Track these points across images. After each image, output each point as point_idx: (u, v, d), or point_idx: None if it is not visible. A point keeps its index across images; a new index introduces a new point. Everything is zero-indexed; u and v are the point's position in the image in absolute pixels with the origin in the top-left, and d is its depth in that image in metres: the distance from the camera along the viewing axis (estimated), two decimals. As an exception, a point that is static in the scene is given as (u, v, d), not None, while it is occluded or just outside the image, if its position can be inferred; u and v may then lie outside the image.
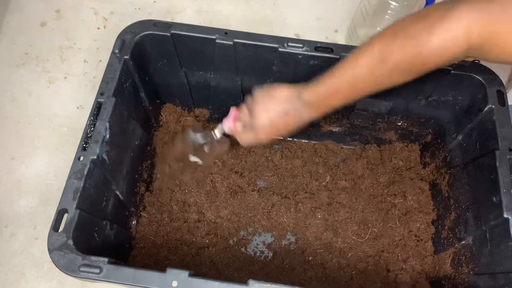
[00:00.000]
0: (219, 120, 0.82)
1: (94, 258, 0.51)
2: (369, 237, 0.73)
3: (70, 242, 0.52)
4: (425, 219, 0.74)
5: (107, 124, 0.60)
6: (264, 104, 0.62)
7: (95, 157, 0.57)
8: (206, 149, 0.72)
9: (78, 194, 0.54)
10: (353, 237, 0.73)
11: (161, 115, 0.81)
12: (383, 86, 0.56)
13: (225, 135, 0.70)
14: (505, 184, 0.57)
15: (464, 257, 0.64)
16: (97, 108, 0.61)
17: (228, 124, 0.67)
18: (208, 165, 0.76)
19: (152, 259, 0.70)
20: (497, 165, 0.59)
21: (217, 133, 0.70)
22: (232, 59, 0.69)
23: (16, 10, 0.97)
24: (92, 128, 0.59)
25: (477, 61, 0.65)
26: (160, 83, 0.76)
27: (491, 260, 0.58)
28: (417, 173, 0.79)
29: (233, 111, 0.67)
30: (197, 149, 0.72)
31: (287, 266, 0.72)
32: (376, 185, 0.78)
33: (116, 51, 0.65)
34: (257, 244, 0.74)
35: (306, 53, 0.66)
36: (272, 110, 0.61)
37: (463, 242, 0.65)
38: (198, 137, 0.71)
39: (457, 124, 0.71)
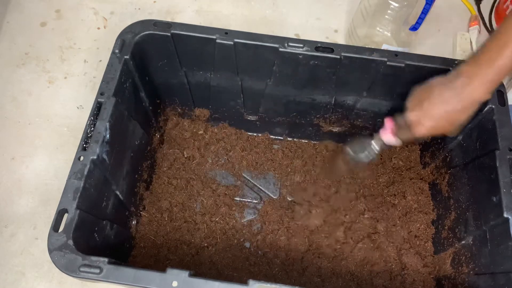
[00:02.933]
0: (220, 120, 0.83)
1: (94, 258, 0.51)
2: (369, 238, 0.73)
3: (70, 242, 0.52)
4: (425, 219, 0.74)
5: (107, 124, 0.60)
6: (434, 94, 0.56)
7: (95, 157, 0.57)
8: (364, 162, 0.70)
9: (78, 194, 0.54)
10: (353, 238, 0.73)
11: (161, 115, 0.81)
12: None
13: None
14: (505, 184, 0.57)
15: (464, 257, 0.64)
16: (97, 108, 0.61)
17: (387, 136, 0.64)
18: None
19: (152, 259, 0.70)
20: (497, 165, 0.59)
21: (377, 147, 0.67)
22: (232, 59, 0.69)
23: (16, 10, 0.97)
24: (92, 128, 0.59)
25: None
26: (160, 83, 0.76)
27: (491, 260, 0.58)
28: (417, 173, 0.79)
29: (388, 122, 0.64)
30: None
31: (287, 266, 0.72)
32: (376, 185, 0.78)
33: (116, 51, 0.64)
34: (257, 244, 0.74)
35: (306, 53, 0.66)
36: (441, 97, 0.55)
37: (463, 242, 0.65)
38: (361, 157, 0.68)
39: (456, 130, 0.71)
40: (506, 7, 0.96)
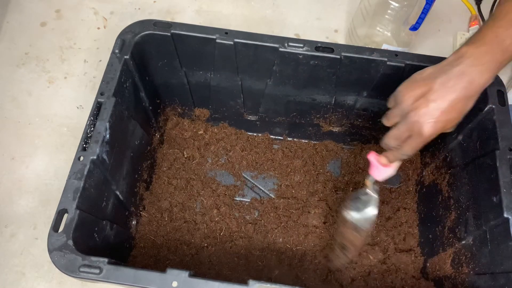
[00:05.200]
0: (220, 120, 0.83)
1: (94, 258, 0.51)
2: (368, 238, 0.73)
3: (70, 242, 0.52)
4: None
5: (107, 124, 0.60)
6: (436, 85, 0.49)
7: (95, 157, 0.57)
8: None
9: (78, 194, 0.54)
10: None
11: (161, 115, 0.81)
12: None
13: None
14: (505, 184, 0.57)
15: (464, 257, 0.64)
16: (97, 108, 0.61)
17: (379, 172, 0.60)
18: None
19: (152, 259, 0.70)
20: (497, 165, 0.59)
21: (373, 190, 0.62)
22: (232, 59, 0.69)
23: (16, 10, 0.97)
24: (92, 128, 0.59)
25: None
26: (160, 83, 0.76)
27: (491, 260, 0.58)
28: (417, 174, 0.79)
29: (372, 155, 0.61)
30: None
31: (286, 266, 0.72)
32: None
33: (116, 51, 0.64)
34: (257, 243, 0.74)
35: (306, 53, 0.66)
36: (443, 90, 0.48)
37: (463, 242, 0.65)
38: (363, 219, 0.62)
39: (457, 124, 0.71)
40: (506, 7, 0.95)
